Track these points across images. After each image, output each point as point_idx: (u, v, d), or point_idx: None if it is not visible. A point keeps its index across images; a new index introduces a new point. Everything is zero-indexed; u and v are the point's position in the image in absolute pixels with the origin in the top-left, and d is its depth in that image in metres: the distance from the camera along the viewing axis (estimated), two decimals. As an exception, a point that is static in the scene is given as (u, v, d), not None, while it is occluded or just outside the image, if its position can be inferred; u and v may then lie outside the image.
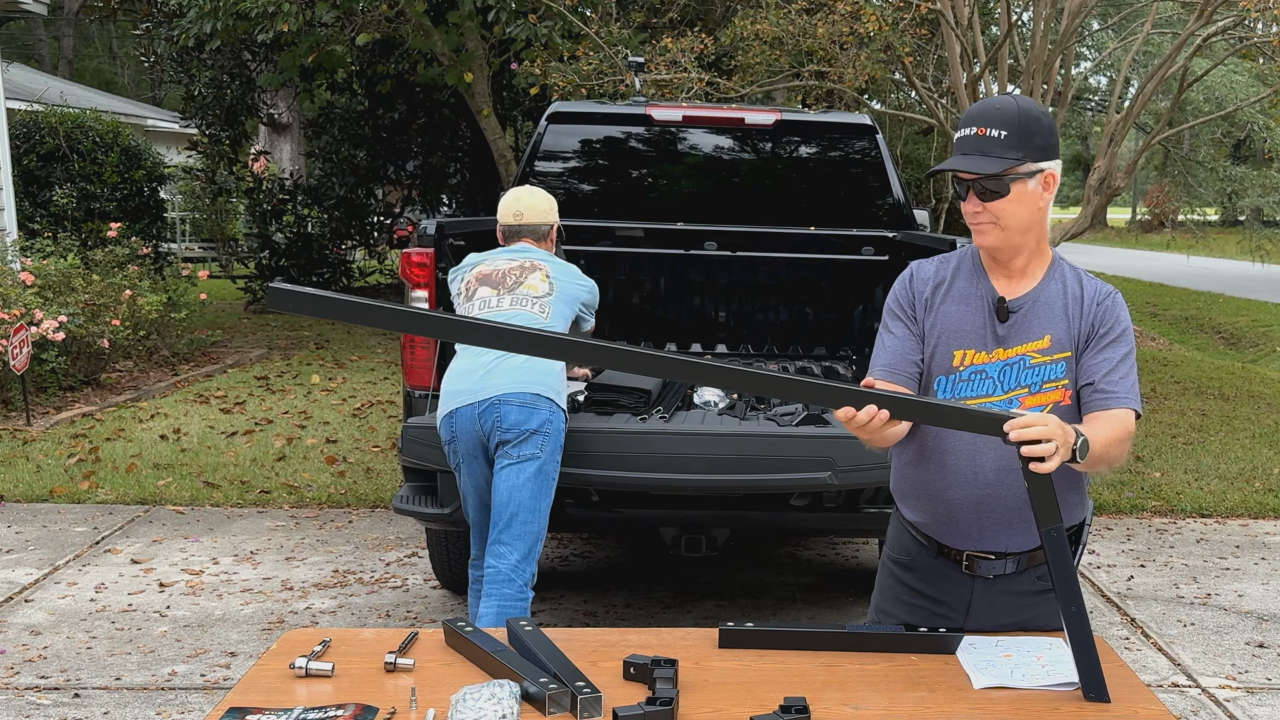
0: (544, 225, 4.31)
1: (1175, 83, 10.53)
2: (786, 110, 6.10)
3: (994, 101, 2.32)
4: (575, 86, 9.53)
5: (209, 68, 14.72)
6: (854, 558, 5.83)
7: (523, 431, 3.78)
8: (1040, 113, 2.29)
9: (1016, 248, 2.33)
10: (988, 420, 2.04)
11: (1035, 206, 2.29)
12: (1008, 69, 10.47)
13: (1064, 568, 2.07)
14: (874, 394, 2.04)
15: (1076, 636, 2.06)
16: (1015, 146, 2.24)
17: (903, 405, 2.08)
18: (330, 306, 2.04)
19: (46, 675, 4.22)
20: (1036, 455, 1.98)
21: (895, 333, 2.42)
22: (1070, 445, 2.03)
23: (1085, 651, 2.06)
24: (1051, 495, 2.04)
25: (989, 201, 2.27)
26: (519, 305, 4.02)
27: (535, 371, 3.84)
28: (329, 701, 2.00)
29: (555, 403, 3.85)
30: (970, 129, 2.28)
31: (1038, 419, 2.01)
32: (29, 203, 12.92)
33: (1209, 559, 5.84)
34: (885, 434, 2.22)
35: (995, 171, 2.24)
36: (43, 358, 8.31)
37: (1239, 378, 11.49)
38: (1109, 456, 2.21)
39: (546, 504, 3.85)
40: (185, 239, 19.89)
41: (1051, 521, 2.05)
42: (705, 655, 2.22)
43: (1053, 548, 2.06)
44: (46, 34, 34.98)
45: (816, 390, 2.16)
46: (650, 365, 2.09)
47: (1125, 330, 2.33)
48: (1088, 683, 2.06)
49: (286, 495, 6.64)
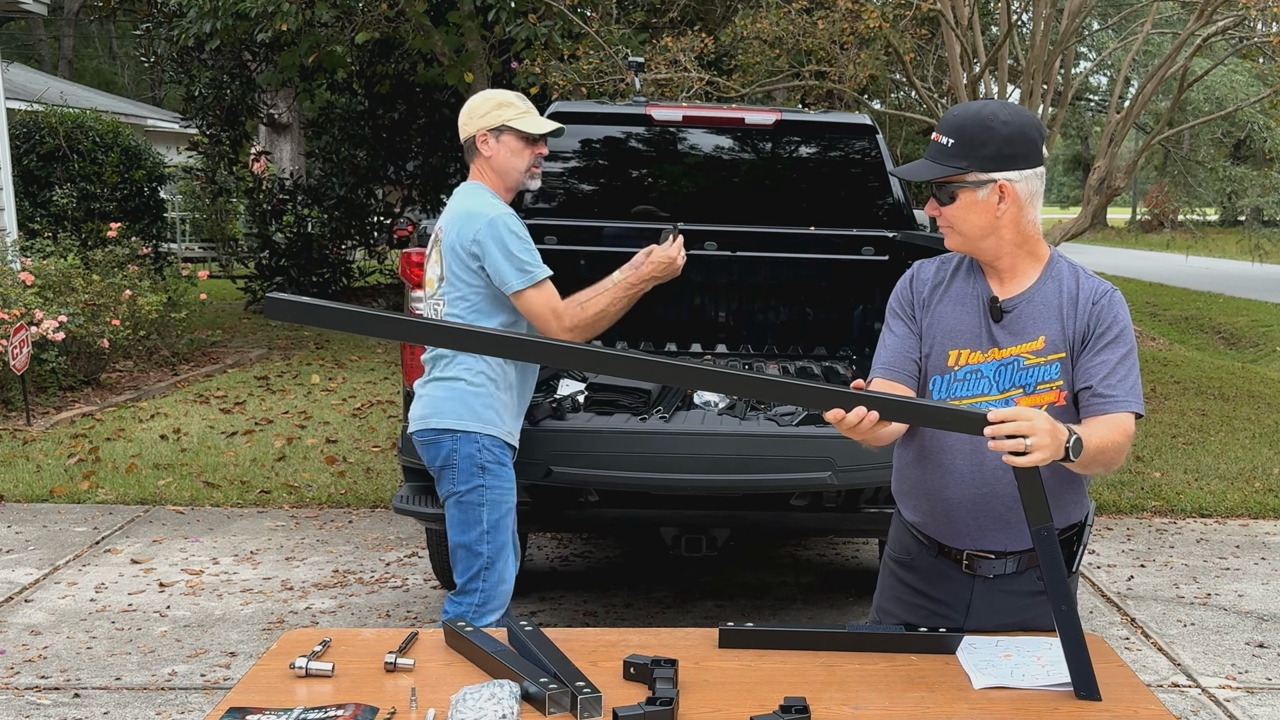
0: (467, 140, 3.55)
1: (1175, 83, 10.53)
2: (786, 110, 6.10)
3: (957, 108, 2.36)
4: (575, 85, 9.53)
5: (209, 68, 14.72)
6: (854, 558, 5.83)
7: (434, 470, 3.57)
8: (1000, 122, 2.24)
9: (986, 251, 2.33)
10: (971, 419, 2.02)
11: (990, 215, 2.27)
12: (1008, 69, 10.47)
13: (1054, 566, 2.06)
14: (863, 395, 2.04)
15: (1067, 635, 2.06)
16: (960, 155, 2.25)
17: (890, 406, 2.07)
18: (329, 316, 2.03)
19: (46, 675, 4.22)
20: (1013, 449, 1.96)
21: (896, 331, 2.43)
22: (1062, 443, 2.01)
23: (1076, 650, 2.06)
24: (1041, 493, 2.03)
25: (944, 206, 2.31)
26: (432, 305, 3.63)
27: (434, 401, 3.51)
28: (329, 701, 2.00)
29: (455, 430, 3.47)
30: (935, 133, 2.33)
31: (1018, 414, 1.98)
32: (29, 203, 12.93)
33: (1209, 559, 5.84)
34: (878, 434, 2.20)
35: (930, 178, 2.28)
36: (43, 358, 8.31)
37: (1239, 378, 11.49)
38: (1105, 458, 2.20)
39: (476, 531, 3.53)
40: (185, 239, 19.89)
41: (1042, 520, 2.04)
42: (705, 655, 2.22)
43: (1043, 546, 2.05)
44: (46, 34, 34.99)
45: (805, 393, 2.15)
46: (638, 370, 2.07)
47: (1124, 329, 2.31)
48: (1079, 680, 2.06)
49: (286, 495, 6.64)
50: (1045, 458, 1.98)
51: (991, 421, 1.97)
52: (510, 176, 3.49)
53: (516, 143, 3.46)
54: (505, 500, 3.55)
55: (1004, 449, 1.97)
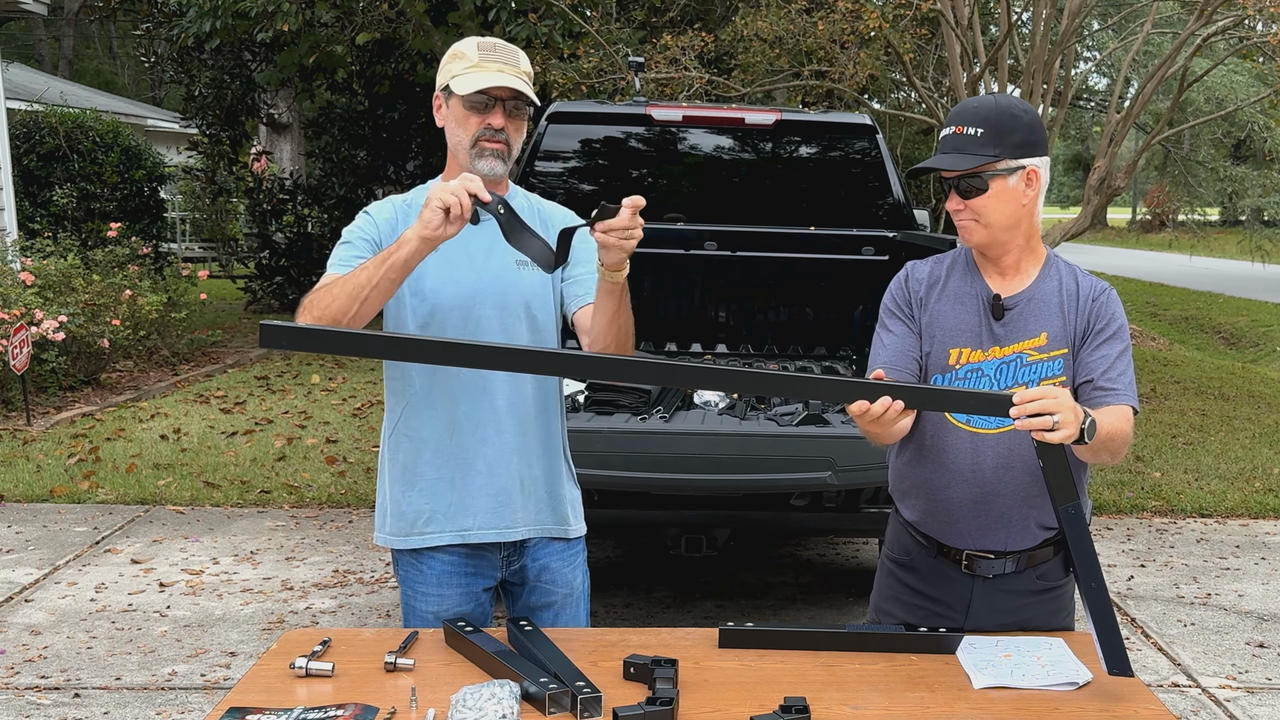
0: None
1: (1175, 83, 10.54)
2: (786, 110, 6.10)
3: (973, 100, 2.35)
4: (575, 85, 9.53)
5: (209, 68, 14.73)
6: (854, 558, 5.83)
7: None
8: (1021, 110, 2.30)
9: (1003, 245, 2.33)
10: (995, 401, 2.04)
11: (1018, 203, 2.29)
12: (1008, 69, 10.47)
13: (1082, 545, 2.06)
14: (887, 385, 2.04)
15: (1097, 612, 2.06)
16: (991, 143, 2.25)
17: (915, 394, 2.09)
18: (324, 340, 2.03)
19: (46, 675, 4.22)
20: (1043, 426, 1.98)
21: (894, 330, 2.42)
22: (1079, 423, 2.02)
23: (1106, 626, 2.06)
24: (1067, 470, 2.04)
25: (970, 199, 2.29)
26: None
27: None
28: (329, 701, 2.00)
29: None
30: (950, 128, 2.31)
31: (1044, 392, 2.01)
32: (29, 203, 12.92)
33: (1209, 559, 5.84)
34: (896, 427, 2.21)
35: (969, 168, 2.26)
36: (43, 358, 8.31)
37: (1239, 378, 11.49)
38: (1112, 445, 2.20)
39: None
40: (185, 239, 19.88)
41: (1068, 498, 2.05)
42: (705, 655, 2.22)
43: (1070, 525, 2.06)
44: (46, 34, 34.97)
45: (827, 387, 2.16)
46: (654, 374, 2.07)
47: (1121, 326, 2.34)
48: (1110, 657, 2.06)
49: (286, 495, 6.64)
50: (1071, 434, 1.99)
51: (1017, 402, 1.99)
52: (460, 153, 2.47)
53: (459, 108, 2.43)
54: None
55: (1031, 427, 1.98)
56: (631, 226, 2.16)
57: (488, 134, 2.43)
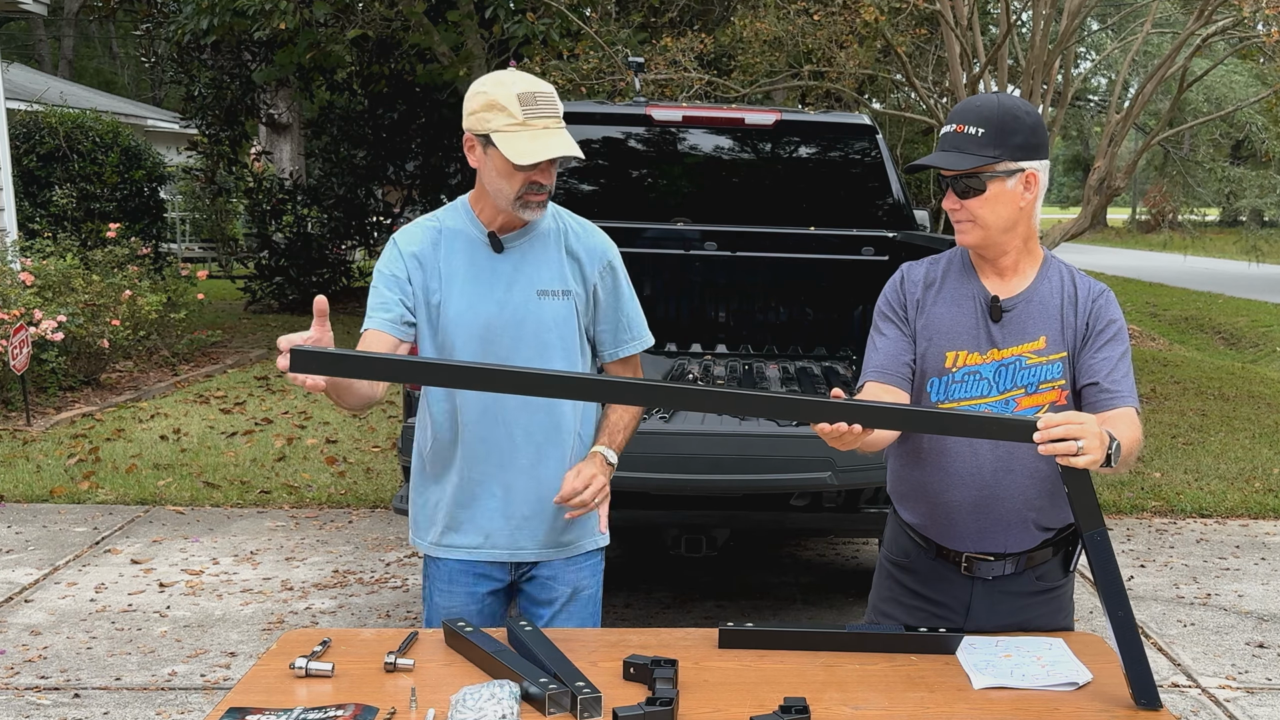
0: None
1: (1175, 83, 10.54)
2: (786, 110, 6.10)
3: (976, 99, 2.31)
4: (574, 85, 9.53)
5: (209, 68, 14.73)
6: (854, 558, 5.83)
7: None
8: (1023, 112, 2.27)
9: (1000, 246, 2.31)
10: (1018, 427, 1.98)
11: (1015, 206, 2.27)
12: (1007, 69, 10.47)
13: (1109, 572, 2.02)
14: (903, 409, 2.01)
15: (1125, 642, 2.02)
16: (992, 144, 2.22)
17: (939, 420, 2.05)
18: (356, 366, 2.03)
19: (46, 675, 4.22)
20: (1068, 451, 1.92)
21: (887, 334, 2.40)
22: (1105, 448, 1.96)
23: (1134, 656, 2.02)
24: (1093, 497, 2.00)
25: (967, 199, 2.26)
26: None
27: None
28: (329, 701, 2.00)
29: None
30: (951, 125, 2.28)
31: (1068, 417, 1.95)
32: (29, 203, 12.92)
33: (1209, 559, 5.84)
34: (869, 440, 2.15)
35: (967, 168, 2.23)
36: (43, 358, 8.31)
37: (1239, 378, 11.49)
38: (1130, 459, 2.17)
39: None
40: (185, 239, 19.88)
41: (1095, 524, 2.00)
42: (705, 655, 2.22)
43: (1096, 552, 2.01)
44: (46, 34, 34.96)
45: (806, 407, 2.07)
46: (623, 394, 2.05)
47: (1121, 328, 2.33)
48: (1138, 689, 2.02)
49: (286, 495, 6.63)
50: (1096, 459, 1.94)
51: (1041, 428, 1.93)
52: (500, 199, 2.51)
53: (503, 163, 2.44)
54: None
55: (1056, 452, 1.93)
56: (583, 494, 2.45)
57: (533, 189, 2.49)
